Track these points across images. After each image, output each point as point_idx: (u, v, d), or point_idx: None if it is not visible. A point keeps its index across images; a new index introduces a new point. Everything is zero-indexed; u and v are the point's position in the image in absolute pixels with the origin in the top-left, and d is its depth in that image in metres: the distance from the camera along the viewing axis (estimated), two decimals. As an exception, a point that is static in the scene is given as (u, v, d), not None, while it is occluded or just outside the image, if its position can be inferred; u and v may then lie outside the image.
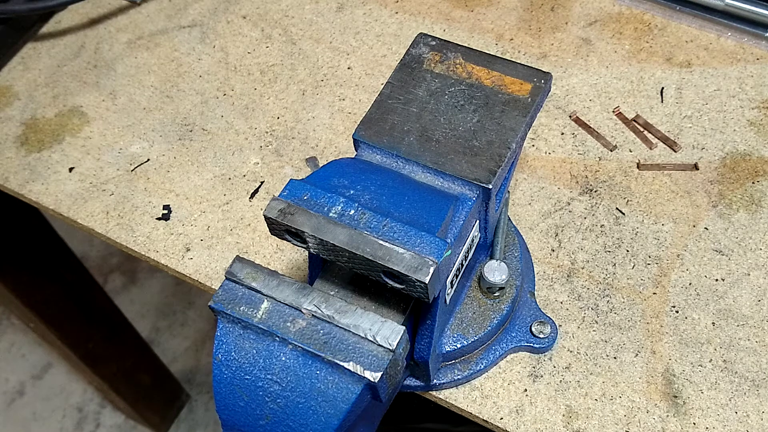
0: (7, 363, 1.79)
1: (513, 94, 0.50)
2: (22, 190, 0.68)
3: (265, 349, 0.41)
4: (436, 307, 0.46)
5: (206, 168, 0.67)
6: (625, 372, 0.54)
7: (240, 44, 0.75)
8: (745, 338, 0.55)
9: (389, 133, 0.49)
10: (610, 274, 0.58)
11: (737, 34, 0.70)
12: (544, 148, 0.65)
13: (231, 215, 0.64)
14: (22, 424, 1.71)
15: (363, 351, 0.40)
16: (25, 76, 0.75)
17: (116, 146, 0.70)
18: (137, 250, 0.63)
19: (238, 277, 0.43)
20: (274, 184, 0.66)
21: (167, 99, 0.72)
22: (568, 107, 0.67)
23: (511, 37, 0.72)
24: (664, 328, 0.56)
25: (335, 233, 0.42)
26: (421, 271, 0.40)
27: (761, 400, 0.53)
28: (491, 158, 0.47)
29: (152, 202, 0.66)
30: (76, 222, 0.66)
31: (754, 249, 0.59)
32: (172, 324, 1.82)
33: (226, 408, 0.42)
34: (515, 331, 0.55)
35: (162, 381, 1.62)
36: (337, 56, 0.73)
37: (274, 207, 0.43)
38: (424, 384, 0.53)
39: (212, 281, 0.61)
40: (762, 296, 0.57)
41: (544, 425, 0.52)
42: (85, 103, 0.73)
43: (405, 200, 0.44)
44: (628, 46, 0.71)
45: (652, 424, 0.52)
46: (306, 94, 0.71)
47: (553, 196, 0.63)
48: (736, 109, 0.66)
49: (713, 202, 0.61)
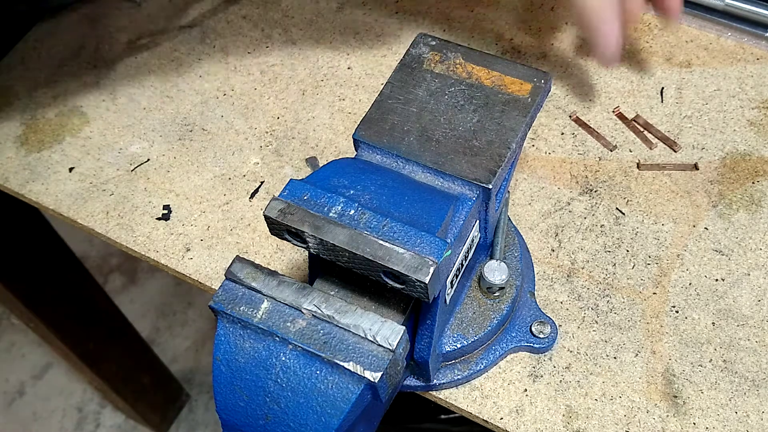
0: (7, 363, 1.79)
1: (513, 94, 0.50)
2: (22, 190, 0.68)
3: (265, 349, 0.41)
4: (436, 307, 0.46)
5: (206, 168, 0.67)
6: (625, 372, 0.54)
7: (240, 44, 0.75)
8: (745, 338, 0.55)
9: (389, 133, 0.49)
10: (610, 274, 0.58)
11: (737, 34, 0.70)
12: (544, 148, 0.65)
13: (231, 215, 0.64)
14: (22, 424, 1.71)
15: (363, 351, 0.40)
16: (25, 76, 0.75)
17: (116, 146, 0.70)
18: (137, 250, 0.63)
19: (238, 277, 0.43)
20: (274, 184, 0.66)
21: (167, 99, 0.72)
22: (568, 107, 0.67)
23: (511, 37, 0.72)
24: (664, 328, 0.56)
25: (335, 233, 0.42)
26: (421, 271, 0.40)
27: (761, 400, 0.53)
28: (491, 158, 0.47)
29: (152, 202, 0.66)
30: (76, 222, 0.66)
31: (754, 249, 0.59)
32: (172, 324, 1.82)
33: (226, 408, 0.42)
34: (515, 331, 0.55)
35: (162, 381, 1.62)
36: (337, 56, 0.73)
37: (274, 207, 0.43)
38: (424, 384, 0.53)
39: (212, 281, 0.61)
40: (762, 296, 0.57)
41: (544, 425, 0.53)
42: (85, 103, 0.73)
43: (405, 200, 0.44)
44: (628, 46, 0.71)
45: (652, 424, 0.52)
46: (306, 94, 0.71)
47: (553, 196, 0.63)
48: (736, 109, 0.66)
49: (713, 202, 0.61)
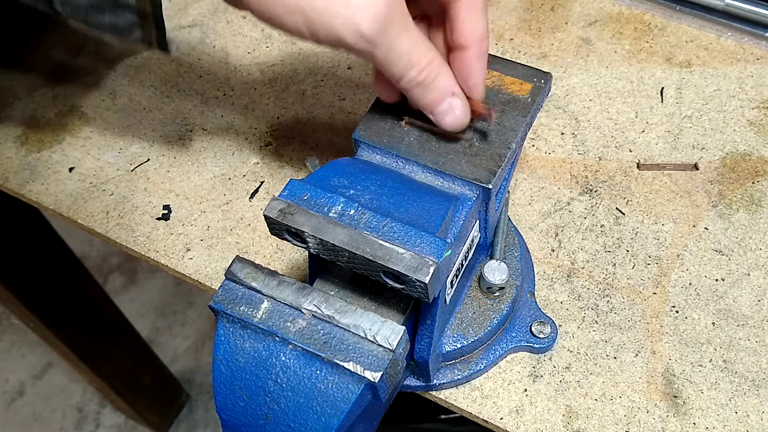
0: (7, 363, 1.79)
1: (513, 94, 0.50)
2: (22, 190, 0.68)
3: (265, 349, 0.41)
4: (436, 307, 0.46)
5: (206, 168, 0.67)
6: (625, 372, 0.54)
7: (240, 44, 0.75)
8: (745, 338, 0.55)
9: (389, 133, 0.49)
10: (610, 274, 0.58)
11: (737, 34, 0.70)
12: (544, 148, 0.65)
13: (231, 215, 0.64)
14: (22, 424, 1.71)
15: (363, 351, 0.40)
16: (25, 76, 0.75)
17: (116, 146, 0.70)
18: (137, 250, 0.63)
19: (238, 277, 0.43)
20: (274, 184, 0.66)
21: (167, 99, 0.72)
22: (568, 107, 0.67)
23: (511, 37, 0.72)
24: (664, 328, 0.56)
25: (335, 233, 0.42)
26: (421, 271, 0.40)
27: (761, 400, 0.53)
28: (491, 158, 0.47)
29: (152, 202, 0.66)
30: (76, 222, 0.66)
31: (754, 249, 0.59)
32: (172, 324, 1.82)
33: (226, 408, 0.42)
34: (515, 331, 0.55)
35: (162, 381, 1.62)
36: (337, 56, 0.73)
37: (274, 207, 0.43)
38: (424, 384, 0.53)
39: (212, 281, 0.61)
40: (762, 296, 0.57)
41: (544, 425, 0.52)
42: (85, 103, 0.73)
43: (405, 200, 0.44)
44: (628, 46, 0.71)
45: (652, 424, 0.52)
46: (306, 94, 0.71)
47: (553, 196, 0.63)
48: (736, 109, 0.66)
49: (713, 202, 0.61)
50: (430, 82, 0.45)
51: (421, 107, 0.47)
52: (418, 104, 0.47)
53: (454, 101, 0.46)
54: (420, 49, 0.44)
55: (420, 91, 0.45)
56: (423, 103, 0.46)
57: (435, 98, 0.46)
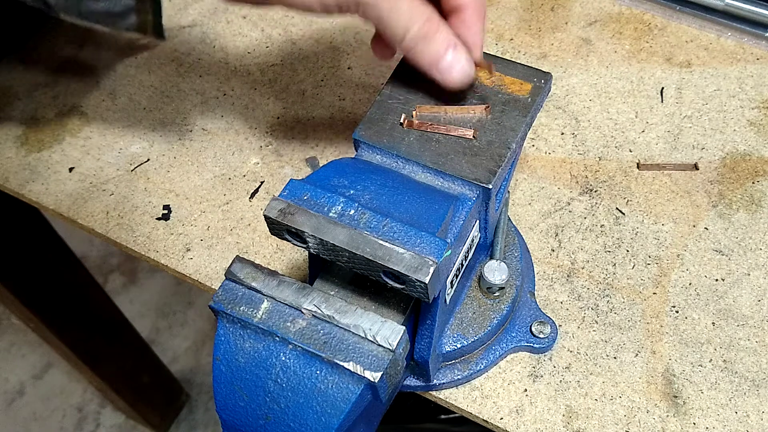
0: (7, 363, 1.79)
1: (513, 94, 0.50)
2: (22, 190, 0.68)
3: (265, 349, 0.41)
4: (436, 307, 0.46)
5: (206, 168, 0.67)
6: (625, 372, 0.54)
7: (240, 44, 0.75)
8: (745, 338, 0.55)
9: (389, 133, 0.49)
10: (610, 274, 0.58)
11: (737, 34, 0.70)
12: (544, 148, 0.65)
13: (231, 215, 0.64)
14: (22, 424, 1.71)
15: (363, 351, 0.40)
16: (25, 76, 0.75)
17: (116, 146, 0.70)
18: (137, 250, 0.63)
19: (238, 277, 0.43)
20: (274, 184, 0.66)
21: (167, 99, 0.72)
22: (568, 107, 0.67)
23: (511, 37, 0.72)
24: (664, 328, 0.56)
25: (335, 233, 0.42)
26: (421, 271, 0.40)
27: (761, 400, 0.53)
28: (491, 158, 0.47)
29: (152, 202, 0.66)
30: (76, 222, 0.66)
31: (754, 249, 0.59)
32: (172, 324, 1.82)
33: (226, 408, 0.42)
34: (515, 331, 0.55)
35: (162, 381, 1.62)
36: (337, 56, 0.73)
37: (274, 207, 0.43)
38: (424, 384, 0.53)
39: (212, 281, 0.61)
40: (762, 296, 0.57)
41: (544, 425, 0.52)
42: (85, 103, 0.73)
43: (405, 200, 0.44)
44: (628, 46, 0.71)
45: (652, 424, 0.52)
46: (306, 94, 0.71)
47: (553, 196, 0.63)
48: (736, 109, 0.66)
49: (713, 202, 0.61)
50: (432, 34, 0.46)
51: (425, 66, 0.47)
52: (421, 63, 0.47)
53: (458, 53, 0.47)
54: (419, 7, 0.46)
55: (423, 47, 0.46)
56: (427, 60, 0.47)
57: (438, 50, 0.46)
